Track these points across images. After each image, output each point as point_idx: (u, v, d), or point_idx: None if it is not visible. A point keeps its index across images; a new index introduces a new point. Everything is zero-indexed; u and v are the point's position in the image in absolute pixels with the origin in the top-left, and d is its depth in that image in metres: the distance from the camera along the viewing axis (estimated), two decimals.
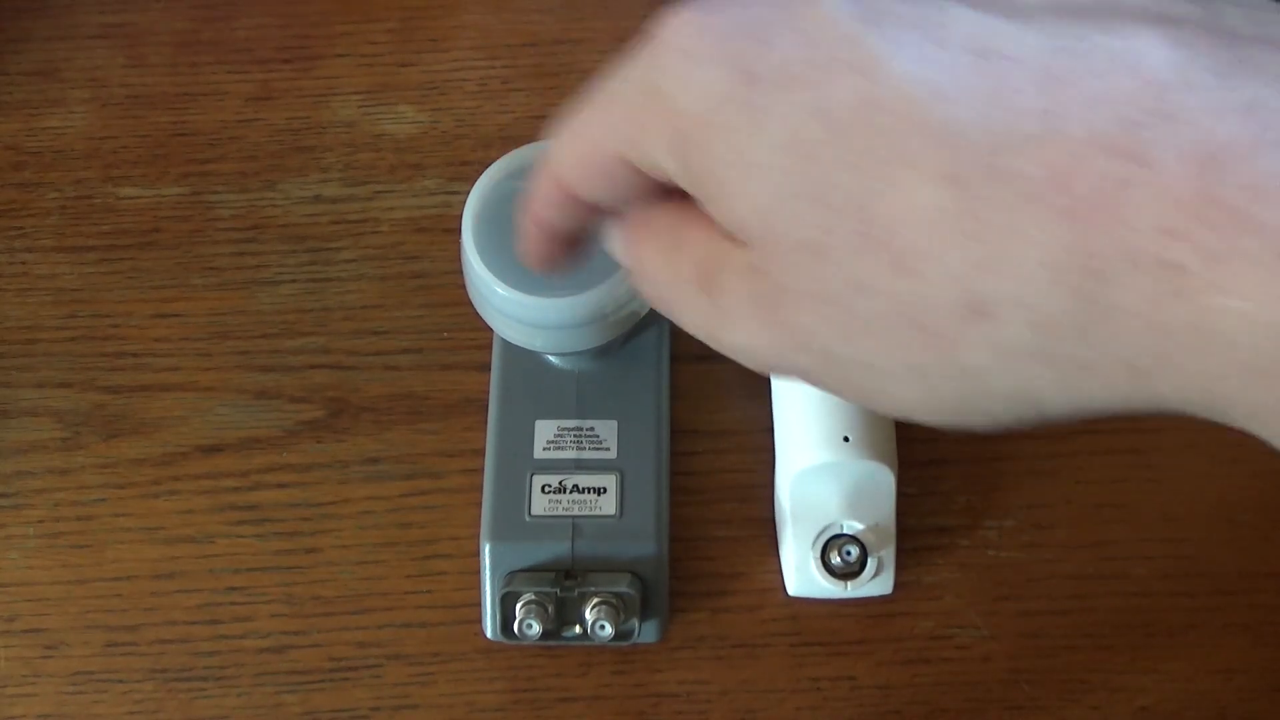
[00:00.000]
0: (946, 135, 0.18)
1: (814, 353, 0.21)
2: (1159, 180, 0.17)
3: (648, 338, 0.40)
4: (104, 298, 0.43)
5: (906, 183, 0.19)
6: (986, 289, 0.18)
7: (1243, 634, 0.38)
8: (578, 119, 0.24)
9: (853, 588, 0.36)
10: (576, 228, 0.26)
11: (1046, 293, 0.18)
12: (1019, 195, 0.18)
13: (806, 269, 0.20)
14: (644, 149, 0.22)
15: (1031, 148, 0.18)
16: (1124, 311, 0.17)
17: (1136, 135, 0.17)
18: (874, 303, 0.19)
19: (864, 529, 0.36)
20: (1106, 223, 0.17)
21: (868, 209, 0.19)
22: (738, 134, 0.20)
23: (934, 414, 0.21)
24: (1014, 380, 0.19)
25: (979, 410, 0.20)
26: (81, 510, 0.40)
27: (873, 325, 0.20)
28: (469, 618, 0.39)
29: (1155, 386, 0.18)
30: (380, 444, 0.41)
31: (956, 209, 0.18)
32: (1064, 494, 0.40)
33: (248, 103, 0.47)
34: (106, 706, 0.38)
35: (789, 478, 0.37)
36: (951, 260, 0.18)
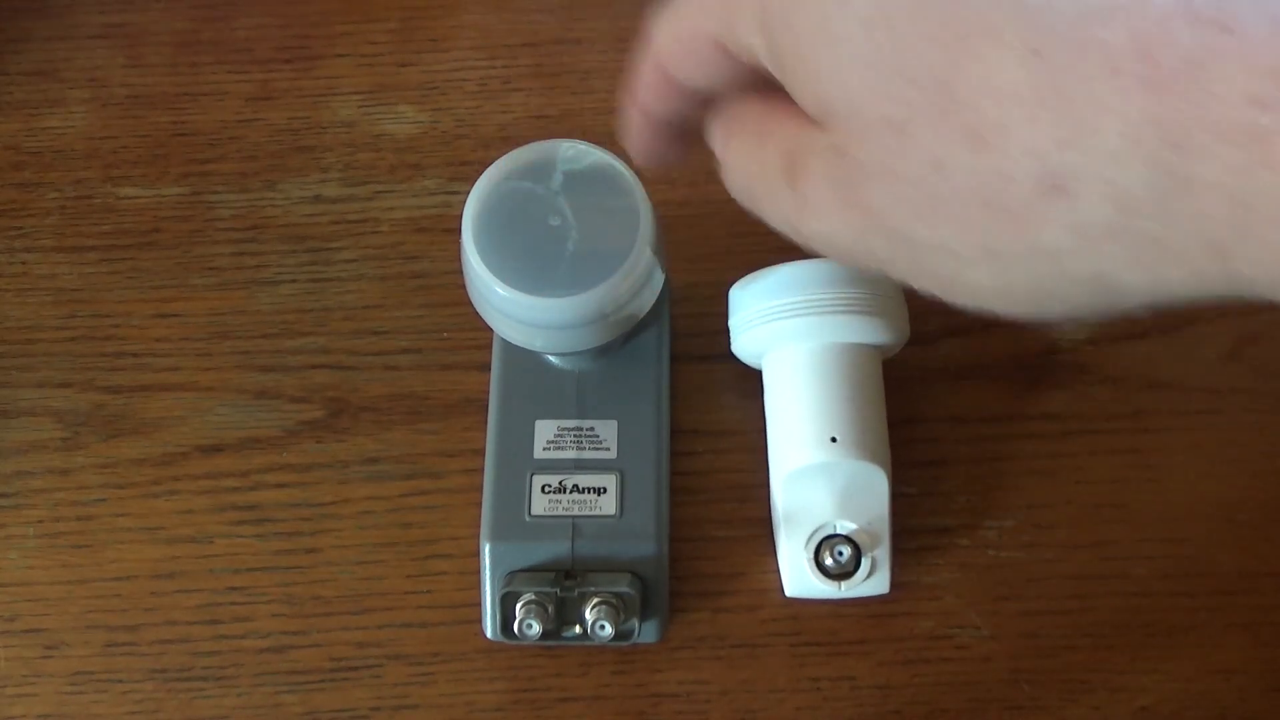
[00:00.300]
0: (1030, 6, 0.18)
1: (892, 236, 0.21)
2: (1246, 48, 0.17)
3: (648, 338, 0.40)
4: (104, 298, 0.43)
5: (989, 55, 0.18)
6: (1066, 164, 0.18)
7: (1243, 634, 0.38)
8: (675, 5, 0.24)
9: (846, 588, 0.36)
10: (677, 115, 0.26)
11: (1127, 167, 0.18)
12: (1102, 67, 0.17)
13: (886, 146, 0.20)
14: (735, 30, 0.22)
15: (1116, 18, 0.17)
16: (1207, 184, 0.17)
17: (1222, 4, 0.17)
18: (952, 181, 0.19)
19: (857, 529, 0.36)
20: (1192, 93, 0.17)
21: (949, 83, 0.19)
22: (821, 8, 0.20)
23: (1011, 301, 0.21)
24: (1092, 262, 0.19)
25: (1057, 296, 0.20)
26: (81, 510, 0.40)
27: (950, 205, 0.19)
28: (469, 618, 0.39)
29: (1235, 264, 0.18)
30: (380, 444, 0.41)
31: (1038, 81, 0.18)
32: (1064, 494, 0.40)
33: (248, 103, 0.47)
34: (106, 706, 0.38)
35: (780, 479, 0.37)
36: (1031, 135, 0.18)
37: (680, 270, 0.42)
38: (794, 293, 0.37)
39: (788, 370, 0.37)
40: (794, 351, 0.37)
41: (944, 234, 0.20)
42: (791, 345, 0.37)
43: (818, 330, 0.37)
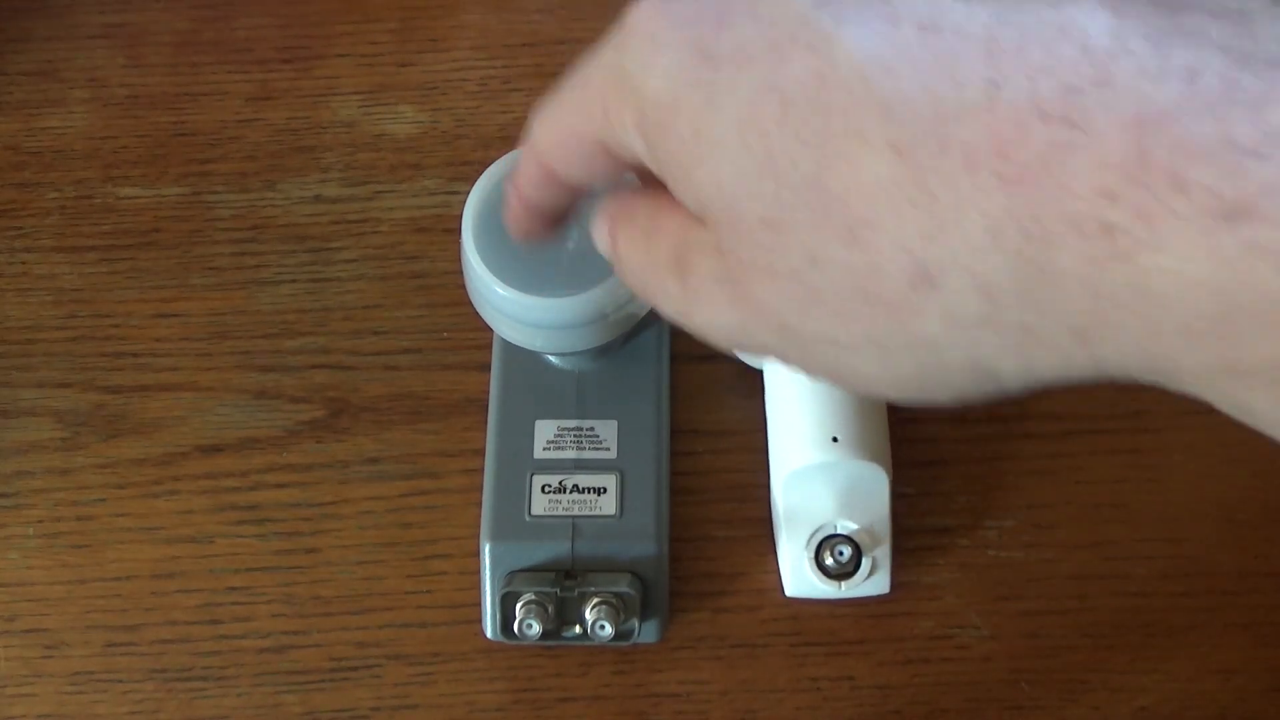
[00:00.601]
0: (893, 107, 0.19)
1: (778, 329, 0.22)
2: (1095, 144, 0.17)
3: (648, 338, 0.40)
4: (104, 298, 0.43)
5: (856, 155, 0.19)
6: (933, 257, 0.19)
7: (1243, 634, 0.38)
8: (556, 102, 0.25)
9: (847, 588, 0.36)
10: (558, 206, 0.27)
11: (990, 259, 0.18)
12: (962, 163, 0.18)
13: (765, 244, 0.21)
14: (614, 132, 0.23)
15: (974, 116, 0.18)
16: (1065, 275, 0.18)
17: (1075, 102, 0.17)
18: (828, 275, 0.20)
19: (858, 529, 0.36)
20: (1046, 187, 0.17)
21: (820, 182, 0.20)
22: (696, 113, 0.21)
23: (897, 388, 0.21)
24: (966, 349, 0.20)
25: (941, 383, 0.21)
26: (81, 510, 0.40)
27: (829, 298, 0.20)
28: (469, 618, 0.39)
29: (1100, 350, 0.19)
30: (380, 444, 0.41)
31: (903, 178, 0.19)
32: (1064, 494, 0.40)
33: (248, 103, 0.47)
34: (106, 706, 0.38)
35: (781, 479, 0.37)
36: (899, 229, 0.19)
37: None
38: None
39: (789, 370, 0.37)
40: None
41: (827, 327, 0.21)
42: None
43: None
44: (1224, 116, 0.16)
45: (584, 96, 0.24)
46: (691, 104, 0.21)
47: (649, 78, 0.22)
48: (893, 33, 0.19)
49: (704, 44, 0.21)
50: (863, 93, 0.19)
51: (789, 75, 0.20)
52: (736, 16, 0.21)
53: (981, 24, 0.19)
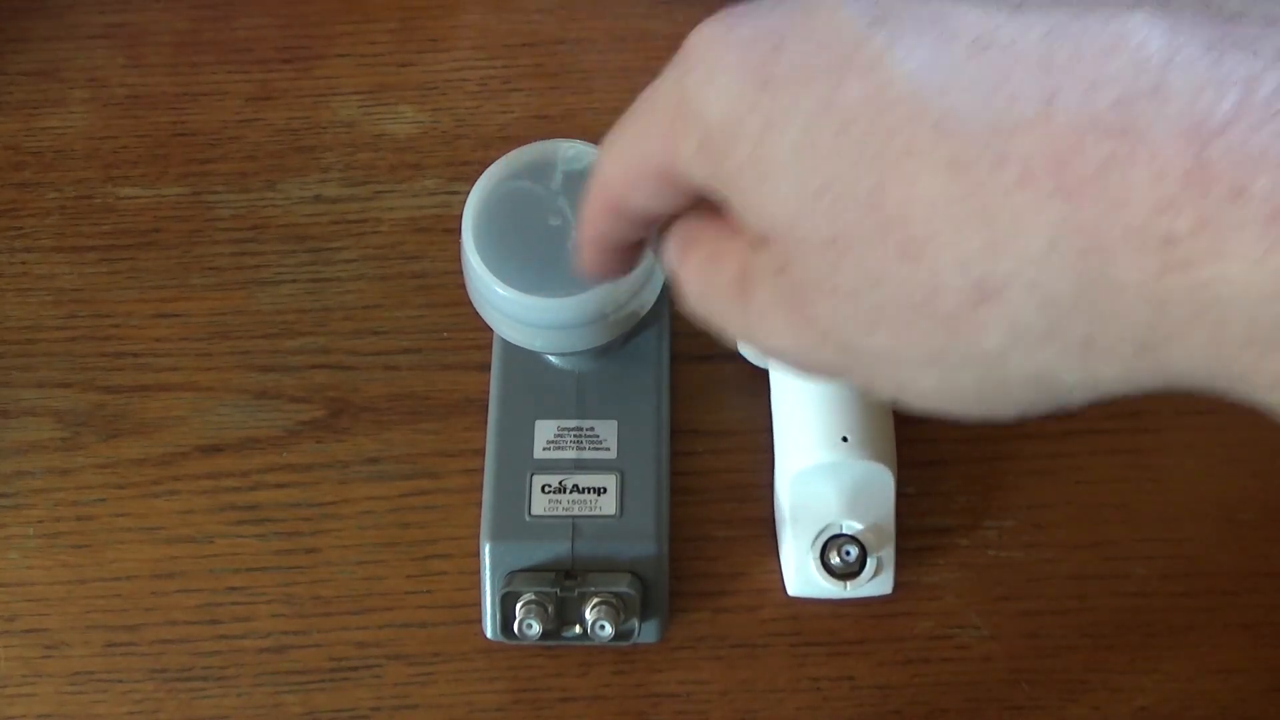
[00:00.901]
0: (949, 125, 0.19)
1: (841, 348, 0.22)
2: (1151, 156, 0.17)
3: (648, 338, 0.40)
4: (104, 298, 0.43)
5: (913, 173, 0.19)
6: (993, 271, 0.19)
7: (1243, 634, 0.38)
8: (620, 134, 0.25)
9: (852, 588, 0.36)
10: (630, 239, 0.27)
11: (1051, 272, 0.18)
12: (1019, 178, 0.18)
13: (825, 264, 0.21)
14: (679, 160, 0.23)
15: (1029, 132, 0.18)
16: (1126, 287, 0.18)
17: (1129, 114, 0.18)
18: (889, 293, 0.20)
19: (863, 529, 0.36)
20: (1104, 200, 0.18)
21: (878, 201, 0.20)
22: (756, 136, 0.21)
23: (961, 404, 0.22)
24: (1029, 363, 0.20)
25: (1004, 398, 0.21)
26: (81, 510, 0.40)
27: (890, 316, 0.20)
28: (469, 618, 0.39)
29: (1165, 361, 0.19)
30: (380, 444, 0.41)
31: (960, 195, 0.19)
32: (1064, 494, 0.40)
33: (248, 103, 0.47)
34: (106, 706, 0.38)
35: (788, 478, 0.37)
36: (957, 245, 0.19)
37: None
38: None
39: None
40: None
41: (888, 344, 0.21)
42: None
43: None
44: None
45: (647, 125, 0.24)
46: (751, 127, 0.21)
47: (709, 102, 0.22)
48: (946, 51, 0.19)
49: (762, 68, 0.21)
50: (918, 111, 0.19)
51: (845, 97, 0.20)
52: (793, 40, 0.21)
53: (1035, 39, 0.19)
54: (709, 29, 0.23)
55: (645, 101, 0.24)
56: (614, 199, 0.26)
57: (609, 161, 0.25)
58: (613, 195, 0.26)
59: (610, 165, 0.25)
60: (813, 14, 0.21)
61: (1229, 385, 0.19)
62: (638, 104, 0.25)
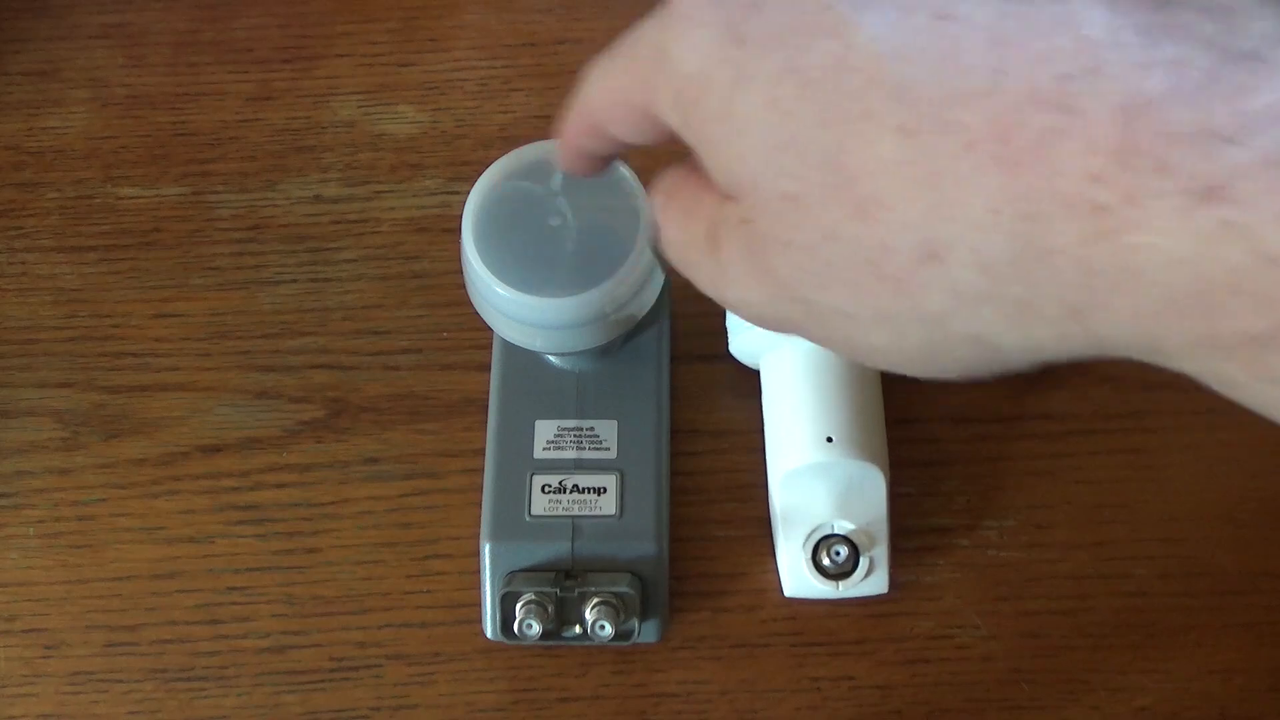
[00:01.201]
0: (904, 91, 0.20)
1: (798, 303, 0.23)
2: (1086, 130, 0.18)
3: (648, 338, 0.40)
4: (104, 298, 0.43)
5: (868, 135, 0.20)
6: (938, 233, 0.20)
7: (1243, 634, 0.38)
8: (606, 65, 0.26)
9: (845, 588, 0.36)
10: (604, 153, 0.28)
11: (990, 237, 0.19)
12: (965, 146, 0.19)
13: (786, 218, 0.22)
14: (656, 106, 0.24)
15: (978, 101, 0.19)
16: (1058, 252, 0.19)
17: (1068, 89, 0.19)
18: (842, 250, 0.21)
19: (855, 529, 0.36)
20: (1040, 169, 0.19)
21: (836, 161, 0.21)
22: (725, 91, 0.22)
23: (907, 361, 0.23)
24: (970, 323, 0.21)
25: (948, 356, 0.22)
26: (81, 510, 0.40)
27: (842, 272, 0.21)
28: (469, 618, 0.39)
29: (1093, 326, 0.20)
30: (380, 444, 0.41)
31: (909, 158, 0.20)
32: (1064, 494, 0.40)
33: (248, 103, 0.47)
34: (106, 706, 0.38)
35: (778, 479, 0.37)
36: (906, 207, 0.20)
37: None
38: None
39: (785, 370, 0.37)
40: (791, 352, 0.37)
41: (841, 300, 0.22)
42: (789, 345, 0.37)
43: None
44: (1205, 105, 0.18)
45: (629, 67, 0.25)
46: (721, 82, 0.22)
47: (684, 55, 0.23)
48: (907, 20, 0.20)
49: (736, 25, 0.22)
50: (876, 76, 0.20)
51: (811, 58, 0.21)
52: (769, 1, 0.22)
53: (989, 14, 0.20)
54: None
55: (629, 41, 0.25)
56: (594, 122, 0.27)
57: (594, 86, 0.26)
58: (593, 118, 0.27)
59: (594, 90, 0.26)
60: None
61: (1152, 352, 0.20)
62: (624, 42, 0.26)
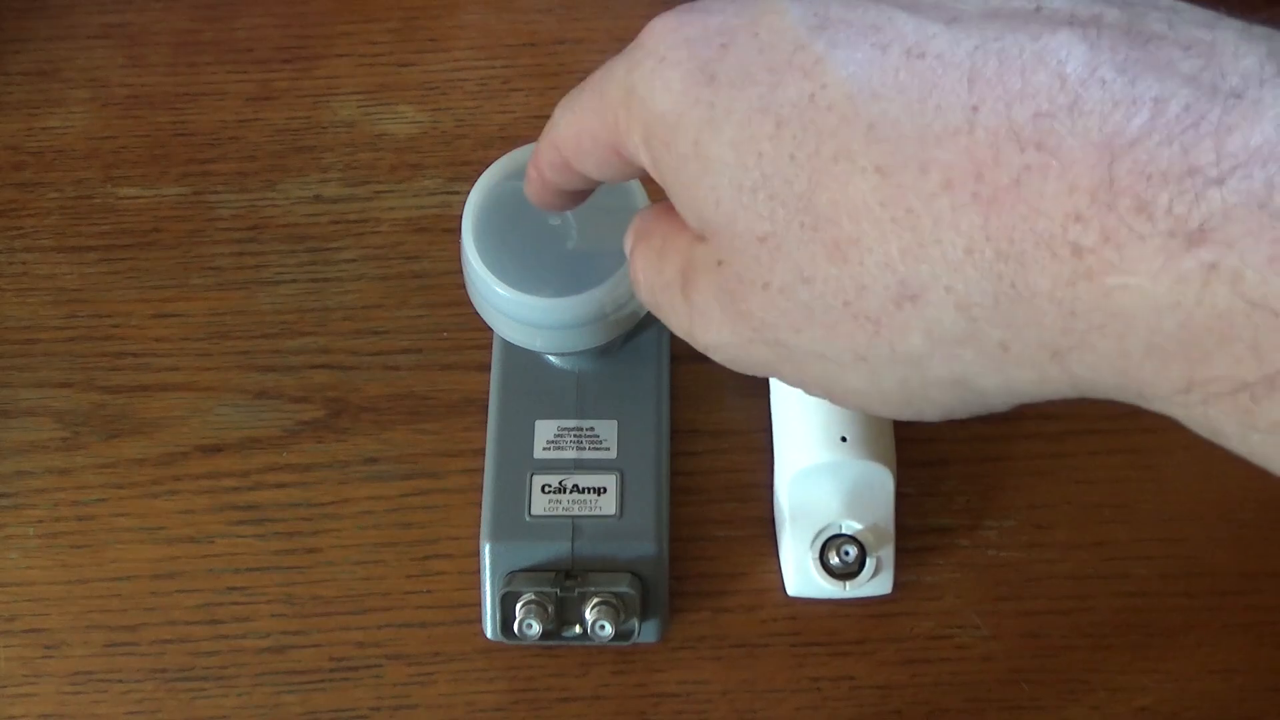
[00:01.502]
0: (879, 131, 0.20)
1: (773, 345, 0.22)
2: (1064, 169, 0.18)
3: (648, 338, 0.40)
4: (104, 298, 0.43)
5: (843, 175, 0.20)
6: (914, 274, 0.19)
7: (1243, 634, 0.38)
8: (575, 100, 0.26)
9: (851, 588, 0.36)
10: (575, 189, 0.28)
11: (968, 276, 0.19)
12: (941, 184, 0.19)
13: (760, 260, 0.21)
14: (625, 144, 0.24)
15: (954, 140, 0.19)
16: (1039, 294, 0.18)
17: (1046, 128, 0.18)
18: (818, 291, 0.21)
19: (862, 529, 0.36)
20: (1019, 209, 0.18)
21: (810, 201, 0.20)
22: (697, 130, 0.22)
23: (885, 404, 0.22)
24: (948, 365, 0.20)
25: (927, 399, 0.22)
26: (81, 510, 0.40)
27: (819, 314, 0.21)
28: (469, 618, 0.39)
29: (1075, 369, 0.19)
30: (380, 444, 0.41)
31: (886, 198, 0.19)
32: (1064, 494, 0.40)
33: (248, 103, 0.47)
34: (106, 706, 0.38)
35: (787, 478, 0.37)
36: (882, 247, 0.20)
37: None
38: None
39: None
40: None
41: (817, 342, 0.21)
42: None
43: None
44: (1187, 144, 0.17)
45: (599, 104, 0.25)
46: (692, 122, 0.22)
47: (654, 95, 0.23)
48: (881, 59, 0.20)
49: (707, 65, 0.22)
50: (850, 115, 0.20)
51: (783, 97, 0.21)
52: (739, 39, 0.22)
53: (965, 52, 0.19)
54: (661, 22, 0.23)
55: (599, 78, 0.25)
56: (564, 158, 0.26)
57: (563, 124, 0.26)
58: (564, 154, 0.26)
59: (564, 127, 0.26)
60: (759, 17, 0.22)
61: (1135, 396, 0.19)
62: (594, 78, 0.25)
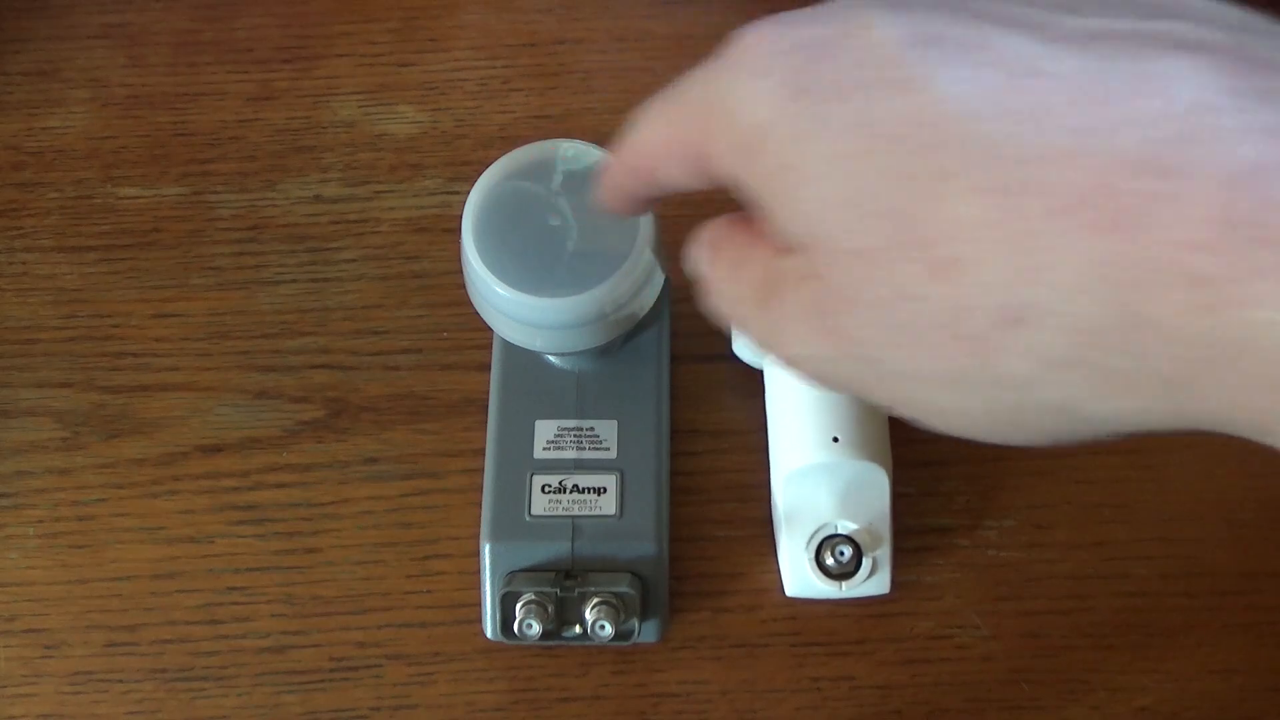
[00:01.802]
0: (985, 150, 0.19)
1: (862, 361, 0.22)
2: (1186, 197, 0.17)
3: (648, 338, 0.40)
4: (104, 298, 0.43)
5: (945, 195, 0.19)
6: (1024, 297, 0.19)
7: (1243, 634, 0.38)
8: (660, 108, 0.25)
9: (847, 588, 0.36)
10: (649, 196, 0.28)
11: (1082, 302, 0.18)
12: (1053, 208, 0.18)
13: (855, 275, 0.21)
14: (712, 154, 0.24)
15: (1062, 162, 0.18)
16: (1157, 324, 0.18)
17: (1164, 154, 0.18)
18: (916, 309, 0.20)
19: (858, 529, 0.36)
20: (1136, 236, 0.18)
21: (910, 219, 0.20)
22: (790, 143, 0.21)
23: (979, 427, 0.22)
24: (1053, 390, 0.20)
25: (1024, 423, 0.21)
26: (81, 510, 0.40)
27: (915, 332, 0.20)
28: (469, 618, 0.39)
29: (1192, 401, 0.19)
30: (380, 444, 0.41)
31: (994, 219, 0.19)
32: (1064, 494, 0.40)
33: (248, 103, 0.47)
34: (106, 706, 0.38)
35: (781, 479, 0.37)
36: (988, 269, 0.19)
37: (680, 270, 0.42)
38: None
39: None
40: None
41: (911, 360, 0.21)
42: None
43: None
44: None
45: (684, 112, 0.24)
46: (785, 134, 0.22)
47: (746, 106, 0.22)
48: (984, 77, 0.20)
49: (800, 76, 0.22)
50: (953, 134, 0.19)
51: (881, 112, 0.20)
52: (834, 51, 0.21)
53: (1071, 72, 0.19)
54: (754, 32, 0.23)
55: (685, 88, 0.25)
56: (642, 165, 0.26)
57: (645, 129, 0.26)
58: (642, 161, 0.26)
59: (646, 133, 0.26)
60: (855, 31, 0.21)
61: (1250, 429, 0.19)
62: (678, 86, 0.25)
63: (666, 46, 0.47)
